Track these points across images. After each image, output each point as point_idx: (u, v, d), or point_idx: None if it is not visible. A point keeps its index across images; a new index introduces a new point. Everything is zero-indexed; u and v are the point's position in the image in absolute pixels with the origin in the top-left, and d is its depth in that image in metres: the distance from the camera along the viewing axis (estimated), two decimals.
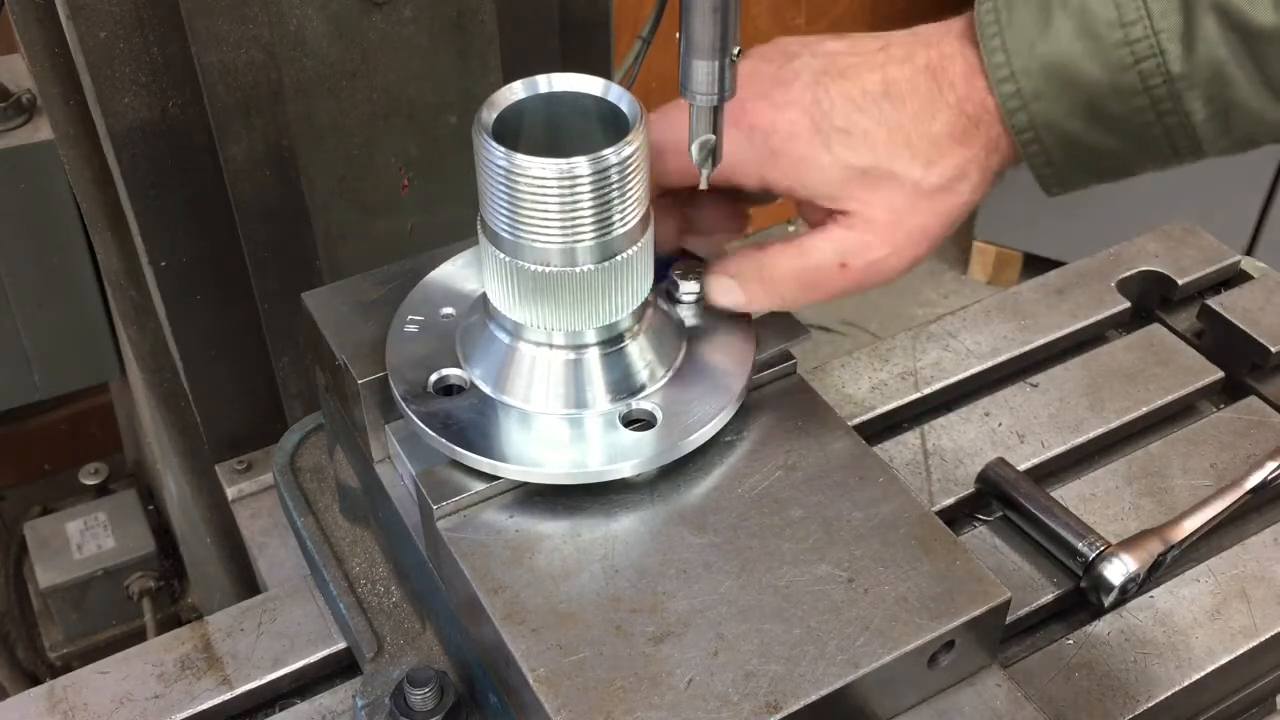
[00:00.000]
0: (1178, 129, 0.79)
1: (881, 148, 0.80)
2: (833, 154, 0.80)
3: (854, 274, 0.83)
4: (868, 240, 0.82)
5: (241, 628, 0.97)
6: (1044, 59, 0.78)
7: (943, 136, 0.81)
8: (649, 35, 1.28)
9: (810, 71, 0.82)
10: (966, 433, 1.10)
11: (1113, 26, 0.76)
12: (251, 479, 1.24)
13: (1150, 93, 0.77)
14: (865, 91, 0.81)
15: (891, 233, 0.82)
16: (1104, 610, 0.96)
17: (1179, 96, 0.77)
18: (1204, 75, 0.76)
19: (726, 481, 0.82)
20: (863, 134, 0.80)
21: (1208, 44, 0.75)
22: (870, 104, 0.81)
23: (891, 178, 0.81)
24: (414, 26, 1.09)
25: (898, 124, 0.80)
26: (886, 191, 0.81)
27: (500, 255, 0.77)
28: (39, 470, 2.45)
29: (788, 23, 3.09)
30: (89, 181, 1.16)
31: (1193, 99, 0.77)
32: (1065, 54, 0.77)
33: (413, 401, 0.82)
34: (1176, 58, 0.76)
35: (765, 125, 0.81)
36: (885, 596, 0.75)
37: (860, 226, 0.82)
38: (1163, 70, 0.76)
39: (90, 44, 1.01)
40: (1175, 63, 0.76)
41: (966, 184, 0.82)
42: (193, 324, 1.20)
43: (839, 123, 0.80)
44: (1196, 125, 0.78)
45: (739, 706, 0.70)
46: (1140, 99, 0.78)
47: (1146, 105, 0.78)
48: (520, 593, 0.75)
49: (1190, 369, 1.15)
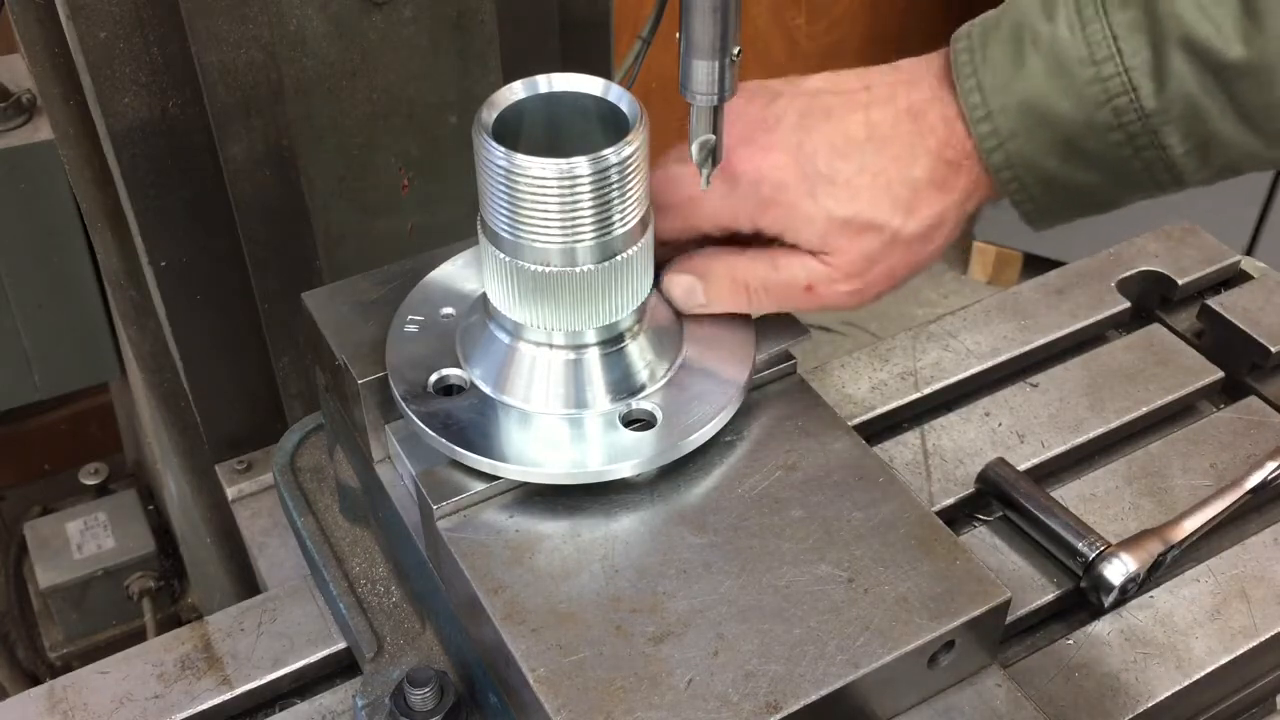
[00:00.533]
0: (1157, 163, 0.79)
1: (864, 196, 0.82)
2: (818, 203, 0.82)
3: (817, 298, 0.85)
4: (837, 276, 0.84)
5: (241, 628, 0.97)
6: (1018, 97, 0.78)
7: (923, 183, 0.82)
8: (649, 35, 1.28)
9: (794, 113, 0.83)
10: (966, 433, 1.10)
11: (1084, 64, 0.77)
12: (251, 479, 1.24)
13: (1125, 129, 0.77)
14: (848, 136, 0.82)
15: (862, 273, 0.84)
16: (1104, 610, 0.96)
17: (1155, 131, 0.77)
18: (1178, 110, 0.76)
19: (726, 481, 0.82)
20: (845, 182, 0.82)
21: (1179, 79, 0.75)
22: (853, 150, 0.82)
23: (872, 227, 0.82)
24: (414, 26, 1.09)
25: (880, 169, 0.82)
26: (866, 240, 0.83)
27: (500, 255, 0.77)
28: (39, 470, 2.45)
29: (788, 23, 3.09)
30: (89, 181, 1.16)
31: (1169, 133, 0.77)
32: (1039, 92, 0.78)
33: (413, 401, 0.82)
34: (1149, 94, 0.76)
35: (754, 174, 0.82)
36: (885, 596, 0.75)
37: (834, 264, 0.84)
38: (1136, 106, 0.76)
39: (90, 44, 1.01)
40: (1148, 99, 0.76)
41: (942, 231, 0.84)
42: (193, 324, 1.20)
43: (823, 169, 0.82)
44: (1175, 159, 0.78)
45: (739, 706, 0.70)
46: (1116, 135, 0.78)
47: (1123, 140, 0.78)
48: (520, 593, 0.75)
49: (1190, 369, 1.15)
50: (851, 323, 3.20)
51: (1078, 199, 0.83)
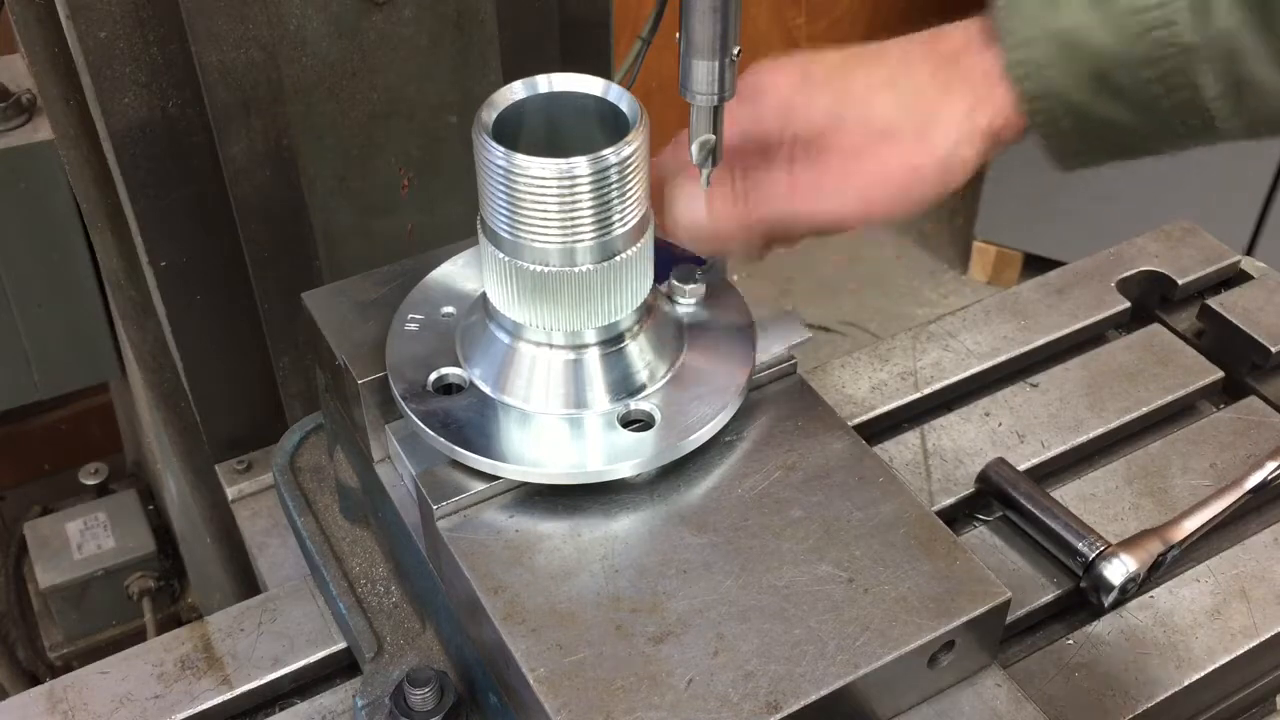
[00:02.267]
0: (1188, 104, 0.78)
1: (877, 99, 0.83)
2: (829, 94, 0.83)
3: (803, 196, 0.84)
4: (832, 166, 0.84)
5: (241, 628, 0.97)
6: (1055, 26, 0.78)
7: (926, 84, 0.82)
8: (649, 35, 1.28)
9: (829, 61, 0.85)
10: (966, 433, 1.10)
11: None
12: (251, 479, 1.25)
13: (1160, 63, 0.77)
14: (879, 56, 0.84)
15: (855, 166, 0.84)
16: (1104, 610, 0.96)
17: (1191, 68, 0.76)
18: (1216, 47, 0.75)
19: (726, 481, 0.82)
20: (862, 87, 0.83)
21: (1221, 13, 0.74)
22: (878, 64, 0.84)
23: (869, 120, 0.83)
24: (414, 26, 1.09)
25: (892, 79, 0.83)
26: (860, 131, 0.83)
27: (500, 255, 0.77)
28: (39, 470, 2.45)
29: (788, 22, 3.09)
30: (89, 181, 1.16)
31: (1203, 72, 0.76)
32: (1076, 22, 0.77)
33: (412, 400, 0.82)
34: (1189, 27, 0.75)
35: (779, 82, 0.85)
36: (885, 596, 0.75)
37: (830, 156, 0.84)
38: (1174, 40, 0.76)
39: (90, 44, 1.01)
40: (1186, 32, 0.75)
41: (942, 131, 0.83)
42: (193, 324, 1.20)
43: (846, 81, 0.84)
44: (1208, 101, 0.77)
45: (739, 706, 0.70)
46: (1149, 70, 0.77)
47: (1158, 76, 0.77)
48: (520, 593, 0.75)
49: (1190, 369, 1.15)
50: (851, 323, 3.20)
51: (1107, 138, 0.82)
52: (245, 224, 1.12)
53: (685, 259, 0.90)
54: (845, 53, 0.85)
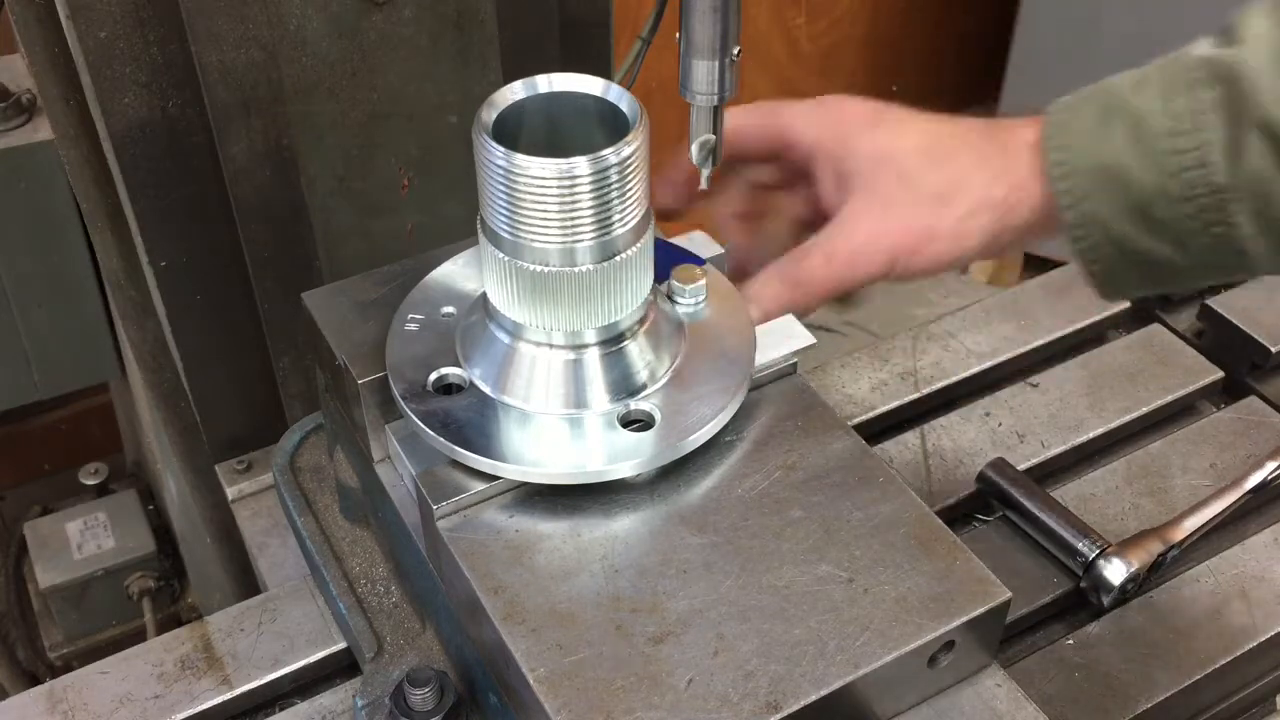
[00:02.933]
0: (1224, 240, 0.80)
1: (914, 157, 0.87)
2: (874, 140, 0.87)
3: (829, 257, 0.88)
4: None
5: (241, 628, 0.97)
6: (1098, 159, 0.80)
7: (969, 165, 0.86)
8: (649, 35, 1.28)
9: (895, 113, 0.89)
10: (966, 433, 1.10)
11: (1164, 135, 0.79)
12: (251, 479, 1.25)
13: (1195, 200, 0.79)
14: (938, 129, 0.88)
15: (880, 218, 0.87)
16: (1104, 610, 0.96)
17: (1224, 208, 0.78)
18: (1249, 189, 0.77)
19: (726, 481, 0.82)
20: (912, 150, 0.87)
21: (1252, 160, 0.76)
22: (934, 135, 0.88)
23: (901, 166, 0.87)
24: (414, 26, 1.09)
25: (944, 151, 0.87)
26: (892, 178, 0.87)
27: (500, 255, 0.77)
28: (39, 470, 2.45)
29: (788, 22, 3.09)
30: (89, 181, 1.16)
31: (1238, 211, 0.78)
32: (1118, 157, 0.80)
33: (412, 400, 0.82)
34: (1221, 170, 0.77)
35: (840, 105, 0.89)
36: (885, 596, 0.75)
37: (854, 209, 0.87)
38: (1207, 180, 0.78)
39: (90, 44, 1.01)
40: (1220, 174, 0.77)
41: (963, 201, 0.86)
42: (193, 324, 1.20)
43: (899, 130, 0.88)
44: (1244, 239, 0.79)
45: (739, 706, 0.70)
46: (1186, 206, 0.79)
47: (1193, 213, 0.79)
48: (520, 593, 0.75)
49: (1190, 369, 1.15)
50: (851, 323, 3.20)
51: (1147, 268, 0.84)
52: (245, 224, 1.12)
53: (685, 259, 0.90)
54: (917, 113, 0.89)
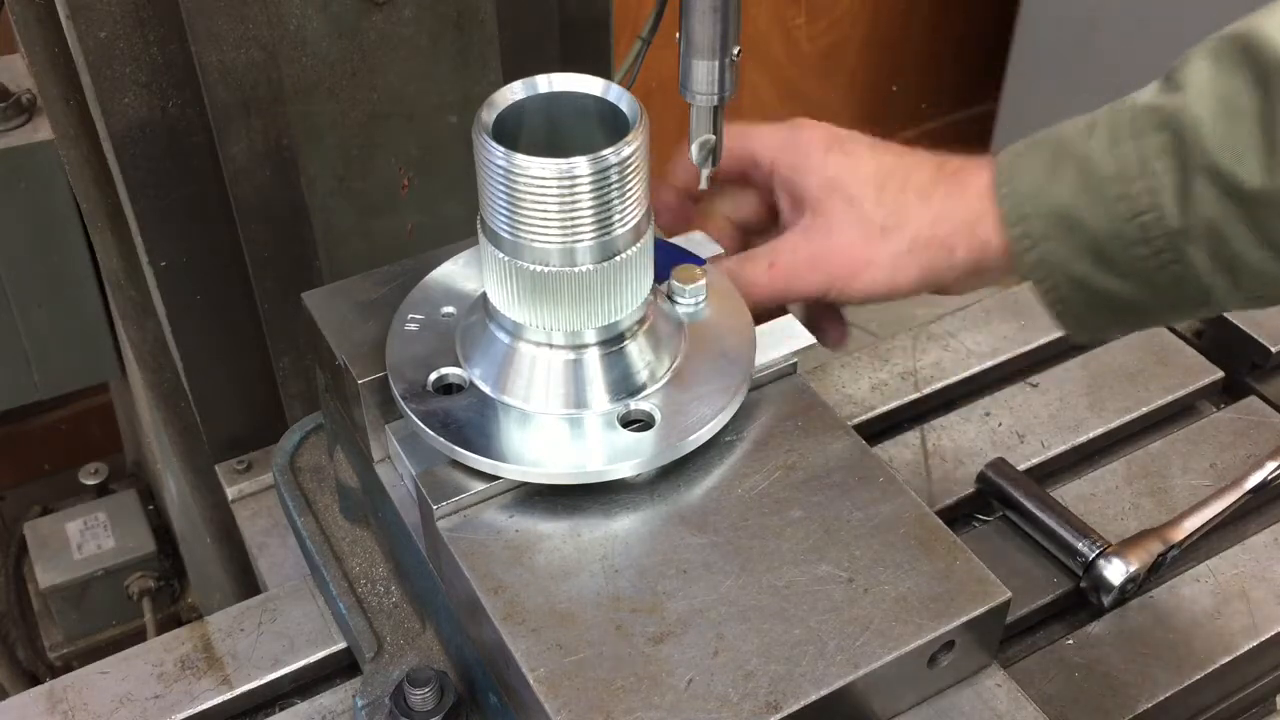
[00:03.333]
0: (1185, 279, 0.80)
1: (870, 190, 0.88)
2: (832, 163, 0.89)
3: None
4: None
5: (241, 628, 0.97)
6: (1050, 204, 0.81)
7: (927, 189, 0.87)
8: (649, 35, 1.27)
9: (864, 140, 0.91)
10: (966, 433, 1.10)
11: (1112, 181, 0.79)
12: (251, 479, 1.24)
13: (1151, 243, 0.79)
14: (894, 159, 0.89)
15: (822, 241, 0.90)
16: (1104, 610, 0.96)
17: (1179, 249, 0.79)
18: (1201, 231, 0.78)
19: (726, 481, 0.82)
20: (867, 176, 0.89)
21: (1201, 203, 0.77)
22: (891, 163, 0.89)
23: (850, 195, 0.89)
24: (414, 26, 1.09)
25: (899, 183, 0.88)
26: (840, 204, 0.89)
27: (500, 255, 0.77)
28: (39, 470, 2.45)
29: (788, 22, 3.09)
30: (89, 181, 1.16)
31: (1193, 253, 0.78)
32: (1069, 202, 0.80)
33: (412, 400, 0.82)
34: (1173, 214, 0.78)
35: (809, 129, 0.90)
36: (885, 596, 0.75)
37: None
38: (1162, 224, 0.78)
39: (90, 44, 1.01)
40: (1172, 219, 0.78)
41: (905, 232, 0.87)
42: (193, 324, 1.20)
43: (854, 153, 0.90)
44: (1202, 277, 0.79)
45: (739, 706, 0.70)
46: (1141, 249, 0.79)
47: (1149, 254, 0.80)
48: (520, 593, 0.75)
49: (1190, 369, 1.15)
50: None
51: (1113, 308, 0.84)
52: (245, 224, 1.12)
53: (685, 259, 0.90)
54: (877, 142, 0.89)
